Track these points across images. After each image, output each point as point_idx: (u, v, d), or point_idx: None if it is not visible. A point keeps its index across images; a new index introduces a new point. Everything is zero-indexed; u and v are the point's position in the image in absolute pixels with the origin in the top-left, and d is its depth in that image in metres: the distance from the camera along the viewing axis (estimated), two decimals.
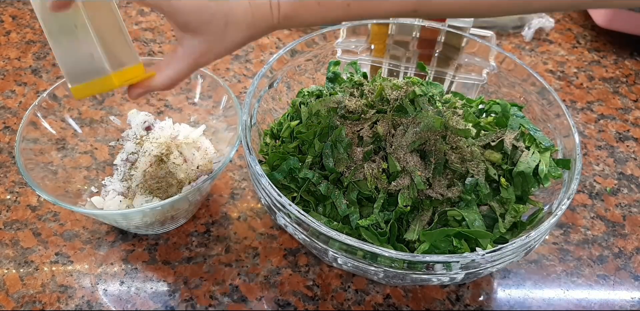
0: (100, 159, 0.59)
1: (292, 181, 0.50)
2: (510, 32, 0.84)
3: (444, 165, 0.48)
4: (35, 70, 0.73)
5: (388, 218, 0.47)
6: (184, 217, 0.56)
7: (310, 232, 0.44)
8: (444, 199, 0.47)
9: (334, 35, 0.60)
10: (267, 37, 0.81)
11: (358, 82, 0.57)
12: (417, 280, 0.45)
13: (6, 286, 0.52)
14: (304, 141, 0.51)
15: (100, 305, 0.51)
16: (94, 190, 0.57)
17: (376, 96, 0.53)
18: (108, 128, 0.61)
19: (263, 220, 0.58)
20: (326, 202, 0.49)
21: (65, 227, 0.57)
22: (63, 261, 0.54)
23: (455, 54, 0.62)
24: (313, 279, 0.54)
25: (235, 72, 0.75)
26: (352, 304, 0.52)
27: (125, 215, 0.49)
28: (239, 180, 0.62)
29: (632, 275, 0.56)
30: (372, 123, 0.51)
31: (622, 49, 0.83)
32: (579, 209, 0.62)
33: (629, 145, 0.69)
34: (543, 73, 0.78)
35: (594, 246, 0.58)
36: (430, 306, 0.53)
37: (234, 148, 0.52)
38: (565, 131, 0.52)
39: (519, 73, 0.57)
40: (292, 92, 0.60)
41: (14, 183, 0.60)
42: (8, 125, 0.66)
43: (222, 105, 0.59)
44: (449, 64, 0.63)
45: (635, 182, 0.65)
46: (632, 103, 0.75)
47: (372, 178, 0.47)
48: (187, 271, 0.54)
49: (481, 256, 0.41)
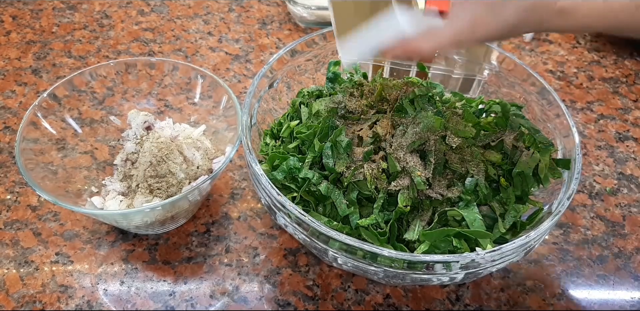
0: (101, 159, 0.60)
1: (292, 181, 0.50)
2: None
3: (444, 165, 0.48)
4: (36, 70, 0.73)
5: (388, 218, 0.47)
6: (184, 216, 0.56)
7: (310, 232, 0.44)
8: (444, 199, 0.47)
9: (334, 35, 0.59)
10: (267, 37, 0.81)
11: (358, 82, 0.57)
12: (417, 279, 0.45)
13: (6, 286, 0.52)
14: (304, 141, 0.51)
15: (101, 304, 0.51)
16: (94, 190, 0.57)
17: (376, 96, 0.53)
18: (108, 128, 0.61)
19: (263, 220, 0.58)
20: (326, 202, 0.49)
21: (66, 226, 0.57)
22: (63, 261, 0.54)
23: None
24: (313, 279, 0.54)
25: (235, 72, 0.75)
26: (352, 304, 0.52)
27: (125, 215, 0.50)
28: (239, 180, 0.62)
29: (632, 275, 0.56)
30: (372, 124, 0.51)
31: (622, 49, 0.83)
32: (579, 209, 0.62)
33: (629, 145, 0.69)
34: (543, 73, 0.78)
35: (593, 246, 0.58)
36: (430, 306, 0.53)
37: (234, 148, 0.52)
38: (565, 131, 0.52)
39: (519, 73, 0.57)
40: (292, 92, 0.60)
41: (14, 183, 0.60)
42: (8, 125, 0.66)
43: (222, 105, 0.59)
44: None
45: (635, 182, 0.65)
46: (632, 103, 0.75)
47: (372, 178, 0.47)
48: (187, 271, 0.54)
49: (481, 256, 0.41)
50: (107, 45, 0.78)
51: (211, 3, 0.86)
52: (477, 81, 0.65)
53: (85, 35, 0.79)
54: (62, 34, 0.79)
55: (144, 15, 0.83)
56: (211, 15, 0.84)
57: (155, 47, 0.78)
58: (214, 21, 0.83)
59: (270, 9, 0.86)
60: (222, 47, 0.79)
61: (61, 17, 0.82)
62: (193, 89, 0.62)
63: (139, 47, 0.78)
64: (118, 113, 0.62)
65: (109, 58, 0.76)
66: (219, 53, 0.78)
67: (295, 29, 0.82)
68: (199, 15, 0.84)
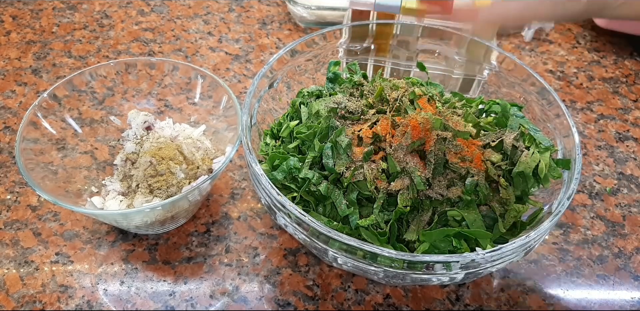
0: (101, 159, 0.60)
1: (292, 181, 0.50)
2: (510, 33, 0.84)
3: (444, 166, 0.48)
4: (36, 70, 0.73)
5: (388, 218, 0.47)
6: (184, 216, 0.56)
7: (310, 232, 0.44)
8: (444, 199, 0.47)
9: (334, 35, 0.60)
10: (267, 37, 0.81)
11: (358, 82, 0.57)
12: (417, 280, 0.45)
13: (6, 286, 0.52)
14: (304, 141, 0.51)
15: (101, 304, 0.51)
16: (94, 190, 0.57)
17: (376, 96, 0.53)
18: (108, 128, 0.61)
19: (263, 220, 0.58)
20: (326, 202, 0.49)
21: (66, 226, 0.57)
22: (63, 261, 0.54)
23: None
24: (313, 279, 0.54)
25: (235, 72, 0.75)
26: (352, 304, 0.52)
27: (125, 215, 0.50)
28: (239, 180, 0.62)
29: (632, 275, 0.56)
30: (372, 124, 0.51)
31: (622, 49, 0.83)
32: (579, 209, 0.62)
33: (629, 145, 0.69)
34: (543, 73, 0.78)
35: (593, 246, 0.58)
36: (430, 306, 0.53)
37: (234, 148, 0.52)
38: (565, 131, 0.52)
39: (518, 73, 0.57)
40: (292, 92, 0.60)
41: (14, 183, 0.60)
42: (8, 125, 0.66)
43: (222, 105, 0.59)
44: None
45: (635, 182, 0.65)
46: (632, 103, 0.75)
47: (372, 178, 0.47)
48: (187, 271, 0.54)
49: (481, 256, 0.41)
50: (107, 45, 0.78)
51: (211, 3, 0.86)
52: (477, 81, 0.65)
53: (85, 35, 0.79)
54: (62, 34, 0.79)
55: (144, 15, 0.83)
56: (211, 15, 0.84)
57: (155, 47, 0.78)
58: (214, 21, 0.83)
59: (270, 9, 0.86)
60: (222, 47, 0.79)
61: (61, 17, 0.82)
62: (193, 89, 0.62)
63: (139, 47, 0.78)
64: (118, 113, 0.62)
65: (109, 58, 0.76)
66: (219, 53, 0.78)
67: (295, 29, 0.82)
68: (199, 15, 0.84)
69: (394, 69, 0.66)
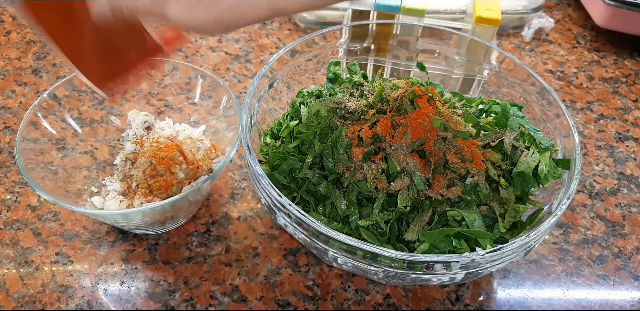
0: (101, 159, 0.60)
1: (292, 181, 0.50)
2: (510, 32, 0.84)
3: (444, 166, 0.48)
4: (36, 70, 0.73)
5: (388, 218, 0.47)
6: (184, 216, 0.56)
7: (310, 232, 0.44)
8: (444, 199, 0.47)
9: (334, 35, 0.60)
10: (267, 37, 0.81)
11: (358, 82, 0.57)
12: (417, 280, 0.45)
13: (6, 286, 0.52)
14: (304, 141, 0.51)
15: (101, 304, 0.51)
16: (94, 190, 0.57)
17: (376, 96, 0.53)
18: (108, 128, 0.61)
19: (263, 220, 0.58)
20: (326, 202, 0.49)
21: (66, 226, 0.57)
22: (63, 261, 0.54)
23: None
24: (313, 279, 0.54)
25: (235, 72, 0.75)
26: (352, 304, 0.52)
27: (125, 215, 0.50)
28: (239, 180, 0.62)
29: (632, 275, 0.56)
30: (372, 124, 0.51)
31: (622, 49, 0.83)
32: (579, 209, 0.62)
33: (629, 145, 0.69)
34: (543, 73, 0.78)
35: (593, 246, 0.58)
36: (430, 306, 0.53)
37: (234, 148, 0.52)
38: (565, 131, 0.52)
39: (518, 73, 0.57)
40: (292, 92, 0.60)
41: (14, 183, 0.60)
42: (8, 125, 0.66)
43: (222, 105, 0.59)
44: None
45: (635, 182, 0.65)
46: (632, 103, 0.75)
47: (371, 178, 0.47)
48: (187, 271, 0.54)
49: (481, 256, 0.41)
50: None
51: None
52: (477, 81, 0.65)
53: None
54: None
55: None
56: None
57: None
58: None
59: None
60: (222, 47, 0.79)
61: None
62: (193, 89, 0.62)
63: None
64: (118, 113, 0.62)
65: None
66: (219, 53, 0.78)
67: (295, 29, 0.82)
68: None
69: (394, 69, 0.66)
